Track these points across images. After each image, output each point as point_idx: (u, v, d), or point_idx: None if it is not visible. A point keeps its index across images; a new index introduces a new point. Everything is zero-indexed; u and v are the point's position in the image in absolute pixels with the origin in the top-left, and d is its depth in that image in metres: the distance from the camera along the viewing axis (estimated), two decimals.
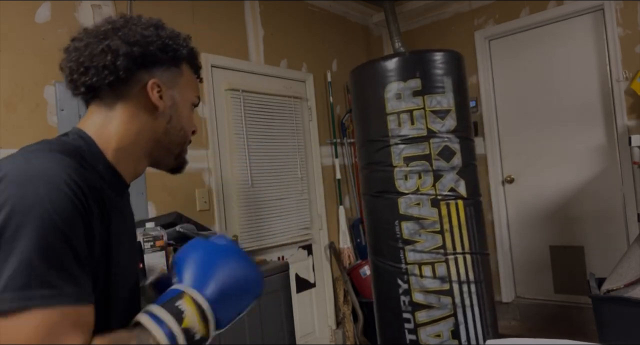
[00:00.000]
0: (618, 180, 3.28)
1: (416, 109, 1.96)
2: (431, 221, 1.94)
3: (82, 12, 2.40)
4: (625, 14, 3.19)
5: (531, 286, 3.69)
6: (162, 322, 0.62)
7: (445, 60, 2.02)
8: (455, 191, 1.97)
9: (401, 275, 1.97)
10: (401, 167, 1.97)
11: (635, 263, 2.23)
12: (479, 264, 2.01)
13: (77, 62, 0.74)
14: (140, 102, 0.76)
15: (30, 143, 0.71)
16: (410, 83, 1.97)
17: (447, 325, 1.93)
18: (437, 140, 1.96)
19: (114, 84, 0.73)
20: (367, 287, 3.37)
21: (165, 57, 0.79)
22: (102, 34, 0.75)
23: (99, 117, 0.77)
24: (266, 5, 3.32)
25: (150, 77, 0.76)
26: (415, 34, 4.19)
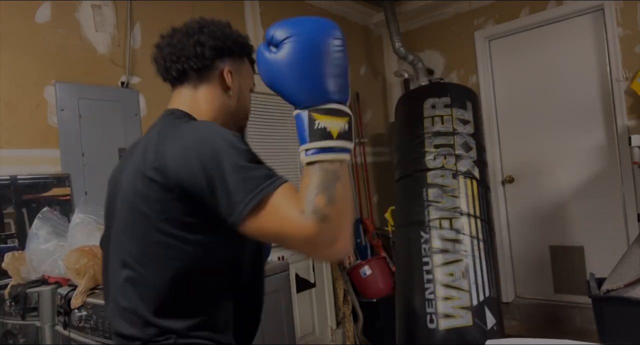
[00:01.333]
0: (618, 180, 3.28)
1: (446, 115, 2.61)
2: (451, 188, 2.45)
3: (82, 12, 2.40)
4: (625, 14, 3.19)
5: (531, 286, 3.69)
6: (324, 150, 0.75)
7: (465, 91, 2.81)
8: (471, 173, 2.50)
9: (424, 228, 2.42)
10: (432, 151, 2.55)
11: (635, 263, 2.23)
12: (486, 229, 2.46)
13: (172, 52, 0.97)
14: (218, 84, 0.99)
15: (30, 143, 0.72)
16: (442, 99, 2.64)
17: (459, 267, 2.33)
18: (460, 137, 2.55)
19: (200, 69, 0.97)
20: (367, 287, 3.37)
21: (236, 50, 1.01)
22: (191, 31, 0.98)
23: (187, 97, 1.00)
24: (266, 5, 3.32)
25: (225, 65, 0.99)
26: (415, 34, 4.18)
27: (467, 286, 2.29)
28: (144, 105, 2.58)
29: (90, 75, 2.39)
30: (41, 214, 1.90)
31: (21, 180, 2.12)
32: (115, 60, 2.50)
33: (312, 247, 0.73)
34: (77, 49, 2.36)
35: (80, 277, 1.60)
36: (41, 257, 1.80)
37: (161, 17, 2.71)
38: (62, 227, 1.88)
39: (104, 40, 2.46)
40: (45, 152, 2.21)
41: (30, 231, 1.85)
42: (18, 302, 1.77)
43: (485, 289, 2.32)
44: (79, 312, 1.57)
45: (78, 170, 2.29)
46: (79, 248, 1.66)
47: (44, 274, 1.82)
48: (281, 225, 0.72)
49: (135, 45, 2.59)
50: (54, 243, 1.82)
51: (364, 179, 3.92)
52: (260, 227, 0.74)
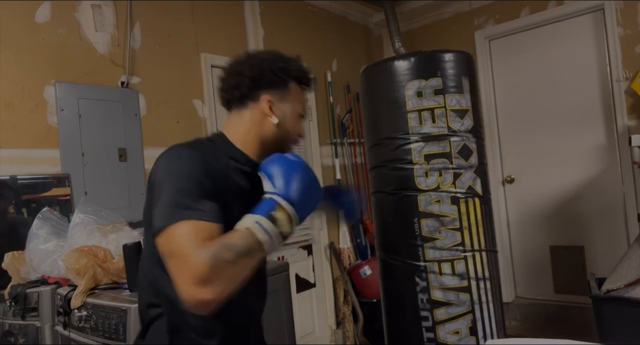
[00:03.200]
0: (618, 180, 3.28)
1: (437, 107, 1.96)
2: (451, 218, 1.94)
3: (82, 12, 2.40)
4: (625, 14, 3.19)
5: (531, 286, 3.69)
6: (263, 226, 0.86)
7: (460, 60, 2.02)
8: (473, 189, 1.98)
9: (419, 273, 1.95)
10: (421, 165, 1.96)
11: (635, 263, 2.23)
12: (492, 261, 2.04)
13: (221, 82, 1.11)
14: (257, 111, 1.08)
15: (30, 143, 0.74)
16: (431, 81, 1.96)
17: (466, 322, 1.93)
18: (457, 139, 1.97)
19: (241, 98, 1.08)
20: (367, 287, 3.37)
21: (275, 79, 1.07)
22: (240, 62, 1.10)
23: (231, 121, 1.12)
24: (266, 5, 3.32)
25: (265, 95, 1.07)
26: (415, 34, 4.18)
27: (475, 343, 1.93)
28: (144, 105, 2.58)
29: (90, 75, 2.39)
30: (41, 214, 1.90)
31: (21, 180, 2.12)
32: (115, 60, 2.50)
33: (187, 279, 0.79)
34: (77, 49, 2.36)
35: (80, 277, 1.60)
36: (41, 257, 1.80)
37: (161, 17, 2.71)
38: (62, 227, 1.88)
39: (104, 40, 2.46)
40: (45, 152, 2.21)
41: (30, 231, 1.85)
42: (18, 302, 1.77)
43: (495, 338, 1.98)
44: (78, 312, 1.57)
45: (78, 170, 2.29)
46: (79, 248, 1.66)
47: (44, 274, 1.82)
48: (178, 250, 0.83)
49: (135, 45, 2.59)
50: (53, 243, 1.82)
51: (364, 179, 3.92)
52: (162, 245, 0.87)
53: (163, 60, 2.70)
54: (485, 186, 2.04)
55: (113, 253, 1.72)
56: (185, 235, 0.82)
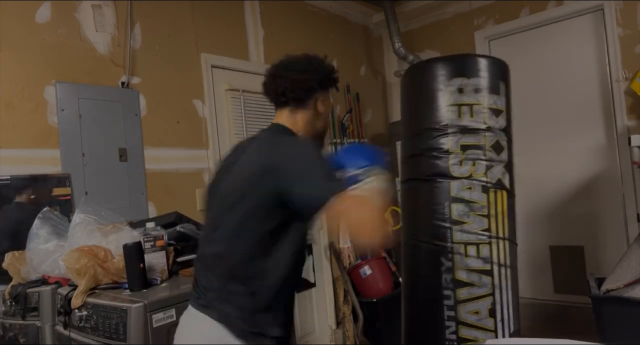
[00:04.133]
0: (618, 180, 3.28)
1: (476, 104, 2.08)
2: (480, 205, 2.05)
3: (82, 12, 2.40)
4: (625, 14, 3.19)
5: (531, 286, 3.69)
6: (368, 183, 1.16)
7: (498, 66, 2.19)
8: (502, 182, 2.10)
9: (445, 254, 2.04)
10: (457, 154, 2.07)
11: (635, 263, 2.23)
12: (513, 252, 2.12)
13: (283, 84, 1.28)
14: (310, 110, 1.31)
15: (30, 143, 0.73)
16: (472, 80, 2.09)
17: (486, 303, 2.01)
18: (491, 135, 2.09)
19: (302, 99, 1.29)
20: (367, 287, 3.37)
21: (328, 83, 1.33)
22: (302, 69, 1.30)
23: (286, 116, 1.31)
24: (266, 5, 3.32)
25: (319, 96, 1.31)
26: (415, 34, 4.18)
27: (493, 325, 2.01)
28: (144, 105, 2.58)
29: (90, 75, 2.39)
30: (41, 214, 1.90)
31: (21, 181, 2.12)
32: (115, 60, 2.50)
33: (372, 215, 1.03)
34: (77, 49, 2.36)
35: (81, 277, 1.60)
36: (41, 257, 1.80)
37: (161, 17, 2.71)
38: (62, 227, 1.88)
39: (104, 40, 2.47)
40: (45, 152, 2.21)
41: (31, 231, 1.85)
42: (18, 302, 1.77)
43: (511, 325, 2.05)
44: (79, 312, 1.57)
45: (78, 170, 2.29)
46: (79, 248, 1.66)
47: (44, 274, 1.82)
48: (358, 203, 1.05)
49: (135, 45, 2.59)
50: (54, 243, 1.82)
51: None
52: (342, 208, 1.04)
53: (163, 60, 2.70)
54: (511, 182, 2.15)
55: (113, 253, 1.72)
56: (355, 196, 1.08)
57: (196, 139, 2.82)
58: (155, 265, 1.71)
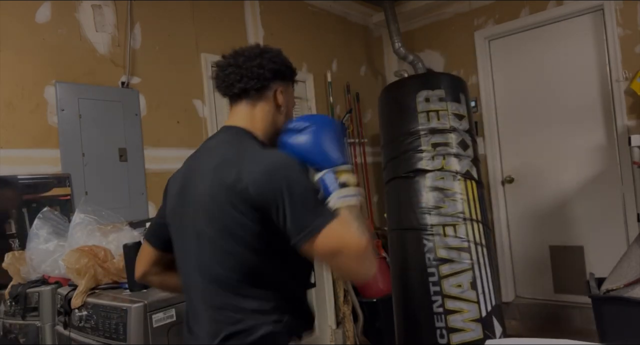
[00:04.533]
0: (618, 180, 3.28)
1: (441, 110, 2.44)
2: (453, 191, 2.33)
3: (82, 12, 2.40)
4: (625, 14, 3.19)
5: (531, 286, 3.69)
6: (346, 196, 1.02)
7: (458, 82, 2.63)
8: (470, 173, 2.40)
9: (427, 236, 2.31)
10: (429, 151, 2.40)
11: (635, 263, 2.23)
12: (487, 234, 2.39)
13: (234, 72, 1.14)
14: (271, 102, 1.16)
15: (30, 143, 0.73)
16: (436, 91, 2.47)
17: (467, 277, 2.24)
18: (456, 134, 2.42)
19: (259, 89, 1.14)
20: (367, 286, 3.37)
21: (288, 73, 1.20)
22: (253, 55, 1.16)
23: (245, 113, 1.16)
24: (266, 5, 3.32)
25: (278, 86, 1.17)
26: (415, 34, 4.18)
27: (475, 297, 2.21)
28: (144, 105, 2.58)
29: (90, 75, 2.39)
30: (41, 214, 1.90)
31: (21, 180, 2.12)
32: (115, 60, 2.50)
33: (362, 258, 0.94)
34: (77, 49, 2.36)
35: (81, 277, 1.60)
36: (41, 257, 1.80)
37: (161, 17, 2.72)
38: (63, 227, 1.88)
39: (104, 40, 2.47)
40: (45, 152, 2.21)
41: (31, 231, 1.85)
42: (18, 302, 1.78)
43: (492, 298, 2.25)
44: (79, 312, 1.57)
45: (78, 170, 2.29)
46: (79, 248, 1.66)
47: (44, 274, 1.82)
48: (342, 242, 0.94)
49: (135, 45, 2.59)
50: (54, 243, 1.82)
51: (363, 179, 3.92)
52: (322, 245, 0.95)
53: (163, 60, 2.70)
54: (479, 175, 2.45)
55: (113, 253, 1.72)
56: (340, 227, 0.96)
57: (196, 139, 2.82)
58: None
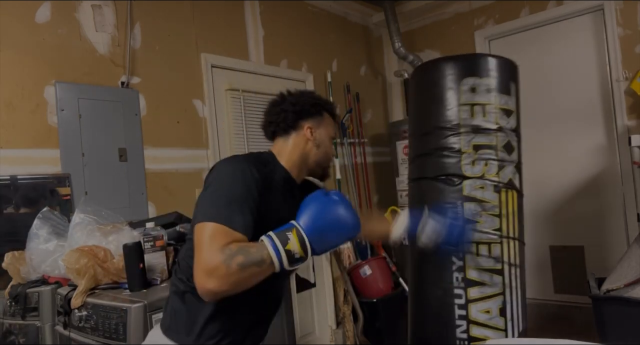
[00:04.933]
0: (618, 180, 3.28)
1: (488, 104, 2.06)
2: (492, 205, 2.05)
3: (82, 12, 2.40)
4: (625, 14, 3.19)
5: (531, 286, 3.67)
6: (274, 242, 0.99)
7: (508, 67, 2.17)
8: (512, 182, 2.10)
9: (457, 253, 2.03)
10: (469, 153, 2.05)
11: (635, 263, 2.23)
12: (523, 252, 2.15)
13: (266, 119, 1.34)
14: (301, 137, 1.29)
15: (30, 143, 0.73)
16: (485, 80, 2.07)
17: (497, 302, 2.02)
18: (502, 135, 2.08)
19: (286, 129, 1.29)
20: (367, 287, 3.37)
21: (314, 111, 1.31)
22: (277, 102, 1.33)
23: (280, 144, 1.31)
24: (266, 5, 3.32)
25: (306, 123, 1.30)
26: (415, 34, 4.18)
27: (503, 325, 2.01)
28: (144, 105, 2.58)
29: (90, 75, 2.39)
30: (41, 214, 1.90)
31: (21, 180, 2.12)
32: (115, 60, 2.50)
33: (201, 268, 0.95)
34: (77, 49, 2.36)
35: (80, 277, 1.60)
36: (41, 257, 1.80)
37: (161, 17, 2.71)
38: (62, 227, 1.88)
39: (104, 40, 2.46)
40: (45, 152, 2.21)
41: (31, 231, 1.85)
42: (18, 302, 1.77)
43: (520, 324, 2.07)
44: (79, 312, 1.57)
45: (78, 170, 2.29)
46: (79, 248, 1.66)
47: (44, 274, 1.82)
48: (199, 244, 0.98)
49: (135, 45, 2.59)
50: (54, 243, 1.82)
51: (364, 179, 3.92)
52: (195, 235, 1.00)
53: (163, 60, 2.70)
54: (521, 183, 2.18)
55: (113, 253, 1.72)
56: (211, 234, 0.97)
57: (196, 139, 2.82)
58: (155, 265, 1.71)
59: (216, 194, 1.05)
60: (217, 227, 0.98)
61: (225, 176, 1.09)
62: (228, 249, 0.95)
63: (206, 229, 0.98)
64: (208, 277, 0.93)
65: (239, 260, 0.94)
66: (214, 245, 0.95)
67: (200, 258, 0.96)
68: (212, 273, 0.93)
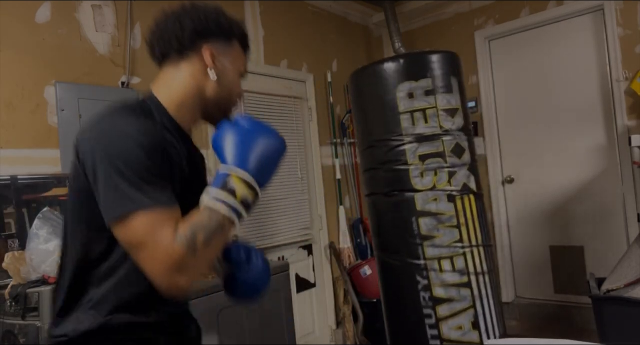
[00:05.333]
0: (618, 180, 3.28)
1: (429, 108, 1.97)
2: (448, 216, 1.96)
3: (82, 12, 2.40)
4: (625, 14, 3.19)
5: (531, 286, 3.69)
6: (222, 199, 0.82)
7: (448, 61, 2.06)
8: (467, 186, 2.01)
9: (420, 271, 1.97)
10: (417, 165, 1.97)
11: (635, 263, 2.23)
12: (489, 255, 2.06)
13: (155, 33, 1.00)
14: (197, 63, 0.98)
15: (30, 143, 0.73)
16: (421, 82, 1.98)
17: (468, 316, 1.95)
18: (449, 138, 1.99)
19: (180, 50, 0.98)
20: (367, 287, 3.37)
21: (218, 31, 1.00)
22: (174, 13, 0.99)
23: (167, 76, 1.00)
24: (266, 5, 3.32)
25: (207, 45, 0.98)
26: (415, 34, 4.19)
27: (477, 338, 1.95)
28: None
29: (90, 75, 2.39)
30: (41, 214, 1.90)
31: (21, 180, 2.12)
32: (115, 60, 2.50)
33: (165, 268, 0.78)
34: (77, 49, 2.36)
35: None
36: (41, 257, 1.80)
37: None
38: None
39: (104, 40, 2.46)
40: (45, 152, 2.21)
41: (31, 231, 1.85)
42: (18, 302, 1.77)
43: (496, 332, 2.00)
44: None
45: None
46: None
47: (44, 274, 1.82)
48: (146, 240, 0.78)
49: (135, 45, 2.59)
50: (54, 243, 1.82)
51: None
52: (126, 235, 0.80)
53: None
54: (477, 183, 2.07)
55: None
56: (148, 225, 0.78)
57: (196, 138, 2.82)
58: None
59: (115, 180, 0.80)
60: (148, 215, 0.78)
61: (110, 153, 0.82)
62: (180, 233, 0.78)
63: (135, 221, 0.78)
64: (178, 273, 0.77)
65: (200, 239, 0.78)
66: (162, 235, 0.78)
67: (153, 256, 0.78)
68: (180, 267, 0.77)
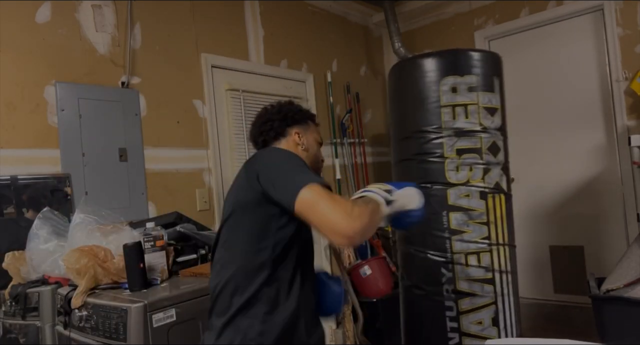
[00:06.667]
0: (618, 180, 3.28)
1: (471, 104, 1.99)
2: (479, 213, 1.98)
3: (82, 12, 2.40)
4: (625, 14, 3.19)
5: (531, 286, 3.69)
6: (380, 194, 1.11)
7: (492, 61, 2.08)
8: (499, 186, 2.03)
9: (446, 265, 1.99)
10: (453, 159, 1.99)
11: (635, 263, 2.23)
12: (513, 255, 2.09)
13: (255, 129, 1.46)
14: (290, 142, 1.43)
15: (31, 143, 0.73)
16: (466, 78, 1.99)
17: (489, 313, 1.97)
18: (487, 136, 2.01)
19: (276, 136, 1.43)
20: (367, 286, 3.37)
21: (298, 117, 1.46)
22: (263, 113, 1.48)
23: None
24: (266, 5, 3.32)
25: (293, 129, 1.44)
26: (415, 34, 4.19)
27: (496, 334, 1.97)
28: (144, 105, 2.58)
29: (90, 75, 2.39)
30: (41, 214, 1.90)
31: (21, 180, 2.12)
32: (115, 60, 2.50)
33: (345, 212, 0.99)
34: (77, 49, 2.36)
35: (81, 277, 1.60)
36: (41, 257, 1.80)
37: (161, 17, 2.71)
38: (62, 227, 1.88)
39: (104, 40, 2.47)
40: (45, 152, 2.21)
41: (31, 231, 1.85)
42: (18, 302, 1.77)
43: (514, 330, 2.01)
44: (79, 312, 1.57)
45: (78, 170, 2.29)
46: (79, 248, 1.66)
47: (44, 274, 1.82)
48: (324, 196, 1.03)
49: (135, 45, 2.59)
50: (54, 243, 1.82)
51: (363, 179, 3.92)
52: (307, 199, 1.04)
53: (163, 60, 2.70)
54: (508, 184, 2.10)
55: (113, 253, 1.72)
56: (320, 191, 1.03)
57: (196, 139, 2.82)
58: (155, 265, 1.71)
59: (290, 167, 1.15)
60: (320, 187, 1.04)
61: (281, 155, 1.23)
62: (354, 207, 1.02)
63: (312, 190, 1.03)
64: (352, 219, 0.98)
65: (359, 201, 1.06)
66: (332, 196, 1.02)
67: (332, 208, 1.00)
68: (351, 214, 0.98)
